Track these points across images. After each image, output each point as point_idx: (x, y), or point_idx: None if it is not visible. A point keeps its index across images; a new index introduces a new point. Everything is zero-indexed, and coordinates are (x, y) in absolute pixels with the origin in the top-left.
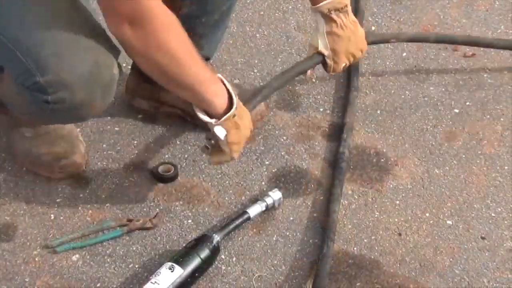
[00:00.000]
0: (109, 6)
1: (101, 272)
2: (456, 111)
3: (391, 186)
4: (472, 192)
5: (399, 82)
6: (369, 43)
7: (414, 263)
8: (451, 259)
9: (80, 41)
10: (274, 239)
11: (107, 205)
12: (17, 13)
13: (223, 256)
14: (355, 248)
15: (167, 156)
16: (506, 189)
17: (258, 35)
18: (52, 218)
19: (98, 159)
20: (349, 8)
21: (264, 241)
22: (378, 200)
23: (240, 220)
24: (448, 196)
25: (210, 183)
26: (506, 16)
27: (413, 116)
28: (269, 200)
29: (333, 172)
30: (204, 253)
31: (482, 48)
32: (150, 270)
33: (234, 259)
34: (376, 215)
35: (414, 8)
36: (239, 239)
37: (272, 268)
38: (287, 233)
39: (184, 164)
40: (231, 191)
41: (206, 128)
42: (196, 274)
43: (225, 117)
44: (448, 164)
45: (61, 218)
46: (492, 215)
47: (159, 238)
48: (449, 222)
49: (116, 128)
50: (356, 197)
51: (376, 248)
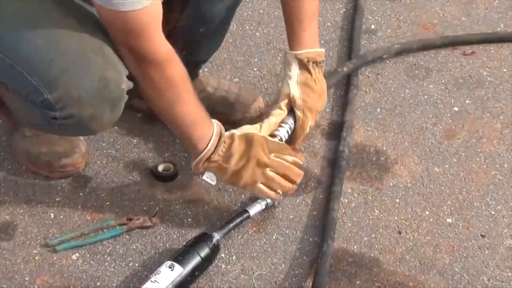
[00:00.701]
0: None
1: (101, 271)
2: (456, 109)
3: (391, 184)
4: (472, 190)
5: (399, 80)
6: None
7: (414, 261)
8: (451, 257)
9: (88, 56)
10: (274, 237)
11: (107, 204)
12: (23, 33)
13: (223, 255)
14: (355, 246)
15: (166, 155)
16: (506, 187)
17: (257, 34)
18: (52, 217)
19: (98, 158)
20: (323, 64)
21: (264, 239)
22: (378, 198)
23: (240, 218)
24: (447, 194)
25: None
26: (505, 14)
27: (412, 114)
28: (268, 199)
29: (332, 170)
30: (204, 251)
31: (481, 46)
32: (150, 268)
33: (234, 257)
34: (376, 213)
35: (414, 6)
36: (239, 237)
37: (272, 267)
38: (287, 231)
39: (184, 162)
40: (231, 190)
41: None
42: (196, 273)
43: (195, 161)
44: (448, 162)
45: (61, 217)
46: (492, 213)
47: (159, 236)
48: (449, 220)
49: (116, 127)
50: (356, 195)
51: (376, 246)
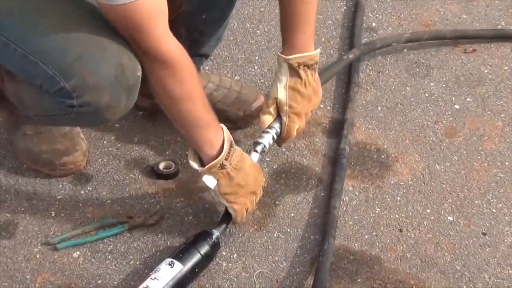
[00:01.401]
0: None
1: (102, 269)
2: (457, 107)
3: (392, 182)
4: (473, 188)
5: (400, 78)
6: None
7: (415, 259)
8: (452, 255)
9: (103, 44)
10: (275, 235)
11: (108, 202)
12: (34, 23)
13: (224, 253)
14: (356, 244)
15: (168, 153)
16: (507, 185)
17: (258, 32)
18: (53, 215)
19: (99, 156)
20: (317, 65)
21: (265, 237)
22: (379, 196)
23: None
24: (449, 192)
25: None
26: (506, 12)
27: (413, 112)
28: None
29: (333, 168)
30: (204, 249)
31: (482, 44)
32: (151, 267)
33: (235, 255)
34: (377, 211)
35: (415, 4)
36: (240, 235)
37: (273, 265)
38: (288, 229)
39: (185, 161)
40: None
41: None
42: (196, 270)
43: (209, 165)
44: (449, 160)
45: (62, 215)
46: (493, 211)
47: (160, 235)
48: (450, 218)
49: (117, 125)
50: (357, 193)
51: (377, 244)
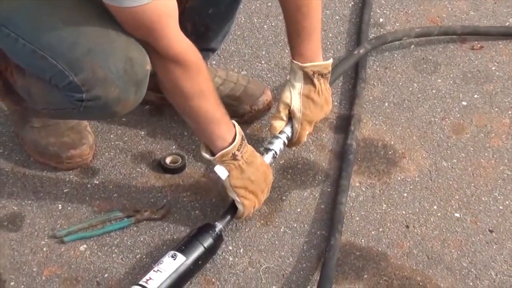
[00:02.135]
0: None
1: (108, 262)
2: (464, 103)
3: (399, 178)
4: (480, 185)
5: (407, 74)
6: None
7: (421, 255)
8: (458, 252)
9: (112, 38)
10: (282, 230)
11: (114, 195)
12: (42, 17)
13: (230, 247)
14: (362, 240)
15: (174, 147)
16: None
17: (265, 26)
18: (60, 208)
19: (106, 149)
20: (329, 74)
21: (272, 232)
22: (386, 192)
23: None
24: (455, 189)
25: None
26: None
27: (420, 108)
28: None
29: (340, 164)
30: (207, 241)
31: (490, 41)
32: (157, 260)
33: (242, 250)
34: (383, 207)
35: (423, 0)
36: (247, 230)
37: (280, 260)
38: (295, 224)
39: (191, 155)
40: None
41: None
42: (200, 262)
43: (221, 152)
44: (456, 157)
45: (68, 208)
46: (500, 208)
47: (166, 228)
48: (456, 215)
49: (124, 119)
50: (364, 189)
51: (384, 240)
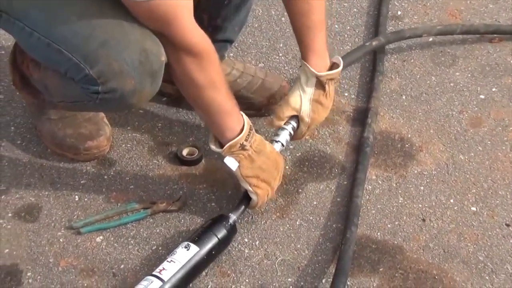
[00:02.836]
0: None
1: (124, 254)
2: (482, 97)
3: (416, 171)
4: (497, 178)
5: (425, 67)
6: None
7: (437, 249)
8: (475, 246)
9: (126, 30)
10: (298, 223)
11: (131, 187)
12: (56, 11)
13: (246, 240)
14: (378, 233)
15: (191, 139)
16: None
17: (283, 19)
18: (77, 199)
19: (123, 141)
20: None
21: (288, 225)
22: (402, 186)
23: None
24: (472, 183)
25: None
26: None
27: (438, 101)
28: None
29: (357, 157)
30: (221, 232)
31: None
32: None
33: (258, 242)
34: (400, 201)
35: None
36: (263, 222)
37: (295, 252)
38: (311, 217)
39: (208, 147)
40: None
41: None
42: (213, 253)
43: (229, 143)
44: (473, 150)
45: (85, 199)
46: None
47: (182, 220)
48: (473, 209)
49: (141, 111)
50: (380, 182)
51: (400, 233)
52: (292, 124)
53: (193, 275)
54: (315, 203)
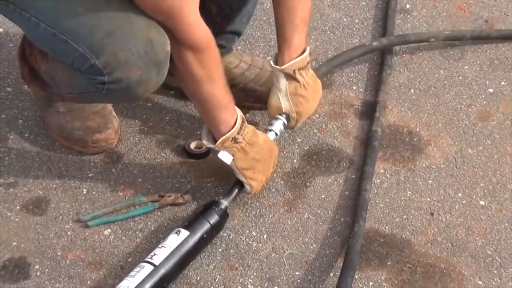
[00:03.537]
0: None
1: (132, 247)
2: (491, 90)
3: (424, 165)
4: (506, 172)
5: (433, 61)
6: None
7: (446, 243)
8: (483, 240)
9: (132, 20)
10: (306, 216)
11: (139, 180)
12: (66, 2)
13: (254, 233)
14: (386, 227)
15: (199, 132)
16: None
17: None
18: (85, 192)
19: (131, 134)
20: (309, 64)
21: (296, 218)
22: (411, 179)
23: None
24: (481, 176)
25: None
26: None
27: (447, 95)
28: None
29: (365, 150)
30: (212, 217)
31: None
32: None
33: (265, 236)
34: (408, 194)
35: None
36: (270, 216)
37: (303, 246)
38: (319, 211)
39: None
40: None
41: None
42: (205, 237)
43: (221, 138)
44: (482, 144)
45: (93, 192)
46: None
47: (190, 214)
48: (481, 203)
49: (149, 104)
50: (388, 176)
51: (408, 227)
52: (286, 115)
53: (186, 259)
54: (323, 196)
